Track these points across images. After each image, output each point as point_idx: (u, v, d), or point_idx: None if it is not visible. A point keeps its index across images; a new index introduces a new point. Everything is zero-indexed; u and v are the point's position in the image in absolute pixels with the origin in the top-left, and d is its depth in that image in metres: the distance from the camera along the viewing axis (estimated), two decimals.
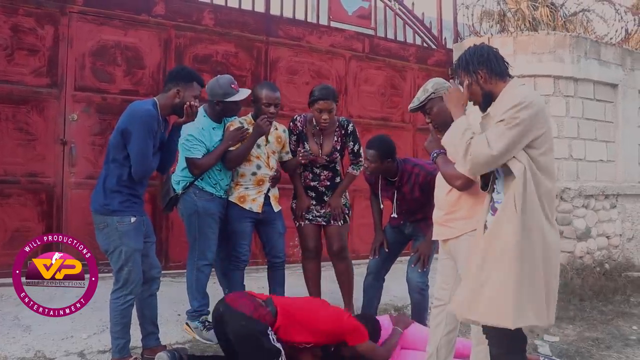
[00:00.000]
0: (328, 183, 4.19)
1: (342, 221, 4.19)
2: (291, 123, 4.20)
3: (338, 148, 4.13)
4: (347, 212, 4.26)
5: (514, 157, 2.37)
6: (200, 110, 3.87)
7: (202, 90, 3.42)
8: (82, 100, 4.95)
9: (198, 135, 3.74)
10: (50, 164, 4.81)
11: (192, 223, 3.82)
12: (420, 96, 3.17)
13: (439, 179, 3.06)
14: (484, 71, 2.53)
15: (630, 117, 7.22)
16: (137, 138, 3.07)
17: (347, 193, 4.31)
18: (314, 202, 4.20)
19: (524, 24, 7.31)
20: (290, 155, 4.16)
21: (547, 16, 7.28)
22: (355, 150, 4.17)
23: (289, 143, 4.18)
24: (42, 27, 4.78)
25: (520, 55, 6.50)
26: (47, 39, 4.81)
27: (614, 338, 4.43)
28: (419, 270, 3.82)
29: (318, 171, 4.17)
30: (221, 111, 3.89)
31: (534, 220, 2.35)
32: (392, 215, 4.00)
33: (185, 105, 3.24)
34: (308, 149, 4.10)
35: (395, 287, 4.91)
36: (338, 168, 4.22)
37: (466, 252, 2.77)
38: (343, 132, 4.14)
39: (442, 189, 3.02)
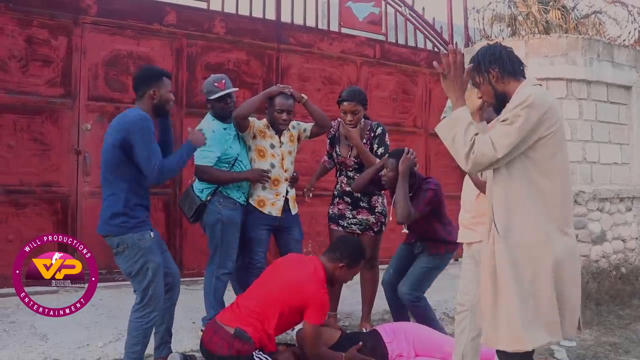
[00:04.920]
0: None
1: (377, 230, 4.20)
2: None
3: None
4: (383, 220, 4.24)
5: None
6: (208, 115, 3.94)
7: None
8: (96, 109, 5.00)
9: (210, 142, 3.69)
10: (64, 174, 4.85)
11: (215, 232, 3.81)
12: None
13: (467, 181, 3.04)
14: (496, 70, 2.39)
15: None
16: (141, 146, 2.97)
17: (384, 202, 4.27)
18: (350, 208, 4.19)
19: (536, 27, 7.27)
20: (308, 131, 4.22)
21: (559, 19, 7.23)
22: (379, 154, 4.11)
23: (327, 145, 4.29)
24: (55, 39, 4.84)
25: (532, 58, 6.47)
26: (60, 50, 4.87)
27: (632, 343, 4.37)
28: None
29: (352, 174, 4.17)
30: (213, 110, 3.90)
31: (525, 232, 2.24)
32: (402, 231, 3.97)
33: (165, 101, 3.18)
34: (338, 151, 4.17)
35: None
36: None
37: None
38: (372, 135, 4.15)
39: (470, 192, 3.00)
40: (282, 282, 3.25)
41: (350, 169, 4.17)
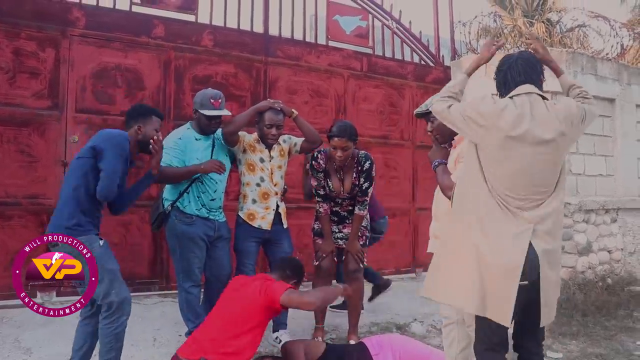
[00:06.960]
0: (350, 208, 4.21)
1: (362, 243, 4.21)
2: (314, 162, 4.14)
3: (357, 183, 4.10)
4: (368, 234, 4.28)
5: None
6: (187, 124, 3.97)
7: (161, 123, 3.41)
8: (83, 122, 4.98)
9: (173, 144, 3.77)
10: (51, 186, 4.82)
11: (173, 246, 3.84)
12: (428, 103, 3.17)
13: (438, 193, 3.05)
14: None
15: (629, 131, 7.24)
16: (110, 157, 3.01)
17: (369, 217, 4.30)
18: (336, 223, 4.23)
19: (521, 41, 7.37)
20: (299, 145, 4.20)
21: (544, 32, 7.33)
22: (364, 188, 4.09)
23: (317, 180, 4.15)
24: (43, 51, 4.84)
25: None
26: (48, 62, 4.86)
27: (618, 354, 4.39)
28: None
29: (340, 200, 4.19)
30: (197, 121, 3.89)
31: (464, 217, 2.54)
32: None
33: (152, 140, 3.23)
34: (331, 186, 4.11)
35: (397, 305, 4.90)
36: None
37: None
38: (360, 168, 4.09)
39: (442, 203, 2.99)
40: (236, 300, 3.19)
41: (340, 198, 4.20)
